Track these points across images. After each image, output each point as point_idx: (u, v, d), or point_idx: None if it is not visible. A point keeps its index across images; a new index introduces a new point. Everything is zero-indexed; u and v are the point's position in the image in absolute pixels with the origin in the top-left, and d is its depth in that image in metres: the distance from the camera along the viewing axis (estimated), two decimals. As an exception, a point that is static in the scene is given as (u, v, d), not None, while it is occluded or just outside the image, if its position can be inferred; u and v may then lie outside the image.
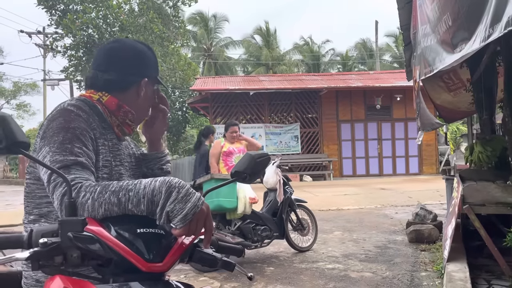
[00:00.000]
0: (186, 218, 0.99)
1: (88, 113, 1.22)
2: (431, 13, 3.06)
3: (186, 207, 0.99)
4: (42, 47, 24.64)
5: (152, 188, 1.00)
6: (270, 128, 16.37)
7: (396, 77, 17.15)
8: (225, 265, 1.11)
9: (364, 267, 4.54)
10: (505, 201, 3.75)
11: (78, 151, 1.13)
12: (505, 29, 1.64)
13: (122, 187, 1.02)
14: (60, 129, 1.13)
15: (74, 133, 1.14)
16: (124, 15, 18.52)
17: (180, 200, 0.99)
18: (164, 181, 1.01)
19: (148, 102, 1.37)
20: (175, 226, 1.00)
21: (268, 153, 1.33)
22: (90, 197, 1.02)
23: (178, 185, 1.01)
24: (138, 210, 1.01)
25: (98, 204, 1.01)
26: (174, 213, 0.99)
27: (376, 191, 11.54)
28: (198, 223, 1.02)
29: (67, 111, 1.18)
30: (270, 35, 33.86)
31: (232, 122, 5.53)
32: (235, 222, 4.71)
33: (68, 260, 0.94)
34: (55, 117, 1.17)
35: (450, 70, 5.61)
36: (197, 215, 1.01)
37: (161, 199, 0.99)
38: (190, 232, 1.01)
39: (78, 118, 1.17)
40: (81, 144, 1.14)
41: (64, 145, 1.11)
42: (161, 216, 0.99)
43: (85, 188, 1.04)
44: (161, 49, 19.57)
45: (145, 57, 1.35)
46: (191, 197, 1.01)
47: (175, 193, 1.00)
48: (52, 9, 18.50)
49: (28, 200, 1.22)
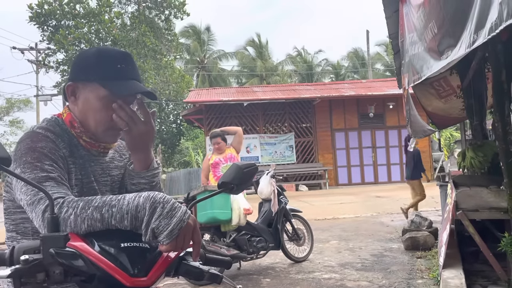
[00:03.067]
0: (172, 234, 0.97)
1: (56, 134, 1.19)
2: (417, 21, 3.10)
3: (172, 222, 0.97)
4: (34, 63, 24.61)
5: (136, 204, 0.98)
6: (264, 139, 16.38)
7: (388, 85, 17.27)
8: (212, 277, 1.09)
9: (361, 276, 4.51)
10: (498, 206, 3.75)
11: (49, 168, 1.11)
12: (489, 35, 1.66)
13: (105, 203, 1.00)
14: (27, 150, 1.12)
15: (42, 152, 1.12)
16: (116, 29, 18.61)
17: (165, 215, 0.97)
18: (148, 196, 0.99)
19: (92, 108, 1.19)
20: (161, 242, 0.98)
21: (255, 163, 1.32)
22: (72, 213, 0.99)
23: (163, 201, 0.98)
24: (122, 225, 0.99)
25: (81, 220, 0.99)
26: (159, 230, 0.97)
27: (372, 199, 11.54)
28: (186, 237, 1.00)
29: (34, 133, 1.17)
30: (262, 47, 34.11)
31: (213, 134, 5.43)
32: (230, 234, 4.68)
33: (51, 277, 0.92)
34: (23, 139, 1.16)
35: (440, 77, 5.66)
36: (184, 230, 0.99)
37: (146, 215, 0.97)
38: (177, 247, 0.99)
39: (46, 139, 1.15)
40: (51, 161, 1.12)
41: (33, 164, 1.10)
42: (147, 232, 0.98)
43: (67, 203, 1.02)
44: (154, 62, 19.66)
45: (91, 57, 1.21)
46: (176, 212, 0.98)
47: (159, 208, 0.97)
48: (44, 25, 18.58)
49: (6, 217, 1.21)
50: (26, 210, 1.08)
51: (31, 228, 1.16)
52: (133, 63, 1.25)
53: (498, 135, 3.52)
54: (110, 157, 1.34)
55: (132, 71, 1.22)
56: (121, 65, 1.19)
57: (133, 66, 1.24)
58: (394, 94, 15.36)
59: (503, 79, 3.36)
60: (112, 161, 1.34)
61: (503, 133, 3.41)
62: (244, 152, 15.93)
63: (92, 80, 1.19)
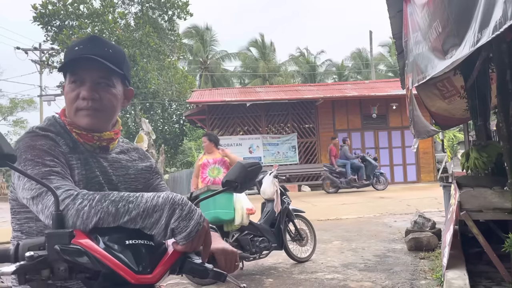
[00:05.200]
0: (190, 236, 0.99)
1: (56, 132, 1.20)
2: (421, 21, 3.09)
3: (190, 224, 0.99)
4: (38, 63, 24.72)
5: (155, 203, 0.99)
6: (267, 139, 16.37)
7: (391, 86, 17.25)
8: (216, 275, 1.09)
9: (364, 277, 4.50)
10: (502, 206, 3.74)
11: (51, 163, 1.11)
12: (493, 34, 1.65)
13: (122, 198, 1.00)
14: (27, 147, 1.12)
15: (41, 148, 1.13)
16: (120, 29, 18.67)
17: (184, 217, 0.99)
18: (168, 197, 1.00)
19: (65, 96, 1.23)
20: (178, 243, 1.00)
21: (259, 162, 1.32)
22: (87, 204, 0.99)
23: (182, 202, 1.00)
24: (133, 223, 0.99)
25: (94, 212, 0.98)
26: (178, 230, 0.99)
27: (375, 200, 11.51)
28: (200, 239, 1.02)
29: (33, 132, 1.18)
30: (265, 47, 34.13)
31: (205, 133, 5.57)
32: (232, 233, 4.68)
33: (56, 274, 0.92)
34: (22, 138, 1.16)
35: (444, 78, 5.64)
36: (200, 232, 1.01)
37: (164, 216, 0.99)
38: (192, 248, 1.01)
39: (45, 137, 1.16)
40: (52, 157, 1.12)
41: (34, 161, 1.10)
42: (166, 232, 0.99)
43: (82, 195, 1.01)
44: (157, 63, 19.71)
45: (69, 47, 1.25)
46: (194, 214, 1.01)
47: (178, 210, 0.99)
48: (48, 25, 18.66)
49: (12, 217, 1.21)
50: (30, 204, 1.07)
51: (35, 227, 1.16)
52: (98, 41, 1.23)
53: (502, 136, 3.50)
54: (115, 156, 1.31)
55: (93, 48, 1.20)
56: (79, 47, 1.21)
57: (96, 44, 1.22)
58: (397, 95, 15.33)
59: (507, 79, 3.35)
60: (118, 161, 1.31)
61: (507, 134, 3.40)
62: (247, 153, 15.93)
63: (63, 72, 1.23)
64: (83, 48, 1.20)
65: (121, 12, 19.56)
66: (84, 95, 1.19)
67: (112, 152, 1.31)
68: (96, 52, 1.19)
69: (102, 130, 1.25)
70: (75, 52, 1.20)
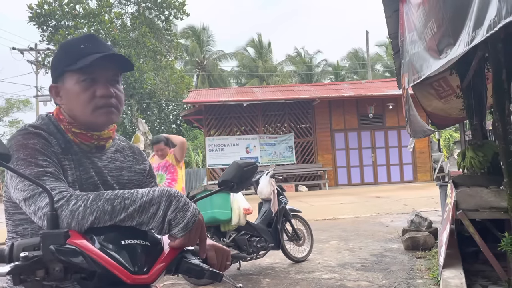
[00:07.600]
0: (187, 227, 0.99)
1: (49, 131, 1.18)
2: (417, 20, 3.10)
3: (187, 215, 1.00)
4: (34, 63, 24.60)
5: (151, 197, 0.99)
6: (264, 139, 16.38)
7: (388, 86, 17.28)
8: (213, 275, 1.09)
9: (361, 276, 4.51)
10: (498, 205, 3.75)
11: (44, 163, 1.10)
12: (487, 33, 1.65)
13: (117, 195, 1.00)
14: (19, 146, 1.11)
15: (34, 148, 1.11)
16: (116, 30, 18.61)
17: (181, 209, 1.00)
18: (163, 191, 1.01)
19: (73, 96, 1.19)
20: (176, 236, 1.00)
21: (255, 162, 1.32)
22: (82, 205, 0.98)
23: (177, 195, 1.01)
24: (130, 219, 0.98)
25: (90, 212, 0.98)
26: (176, 222, 0.99)
27: (372, 200, 11.54)
28: (196, 232, 1.02)
29: (25, 130, 1.16)
30: (263, 47, 34.13)
31: (154, 140, 5.13)
32: (229, 234, 4.68)
33: (51, 274, 0.92)
34: (14, 136, 1.15)
35: (440, 77, 5.66)
36: (196, 224, 1.01)
37: (162, 208, 0.99)
38: (189, 242, 1.01)
39: (37, 136, 1.14)
40: (45, 156, 1.11)
41: (26, 160, 1.09)
42: (163, 225, 0.99)
43: (75, 196, 1.01)
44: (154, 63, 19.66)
45: (58, 53, 1.23)
46: (190, 206, 1.02)
47: (175, 202, 1.00)
48: (44, 25, 18.58)
49: (6, 218, 1.20)
50: (22, 205, 1.06)
51: (30, 229, 1.15)
52: (99, 40, 1.24)
53: (498, 135, 3.51)
54: (110, 156, 1.30)
55: (98, 47, 1.20)
56: (85, 45, 1.20)
57: (99, 43, 1.22)
58: (393, 94, 15.37)
59: (503, 78, 3.36)
60: (112, 161, 1.30)
61: (503, 133, 3.41)
62: (244, 153, 15.93)
63: (64, 72, 1.20)
64: (90, 46, 1.20)
65: (117, 12, 19.49)
66: (104, 93, 1.19)
67: (107, 152, 1.30)
68: (106, 50, 1.21)
69: (105, 129, 1.25)
70: (81, 50, 1.19)
